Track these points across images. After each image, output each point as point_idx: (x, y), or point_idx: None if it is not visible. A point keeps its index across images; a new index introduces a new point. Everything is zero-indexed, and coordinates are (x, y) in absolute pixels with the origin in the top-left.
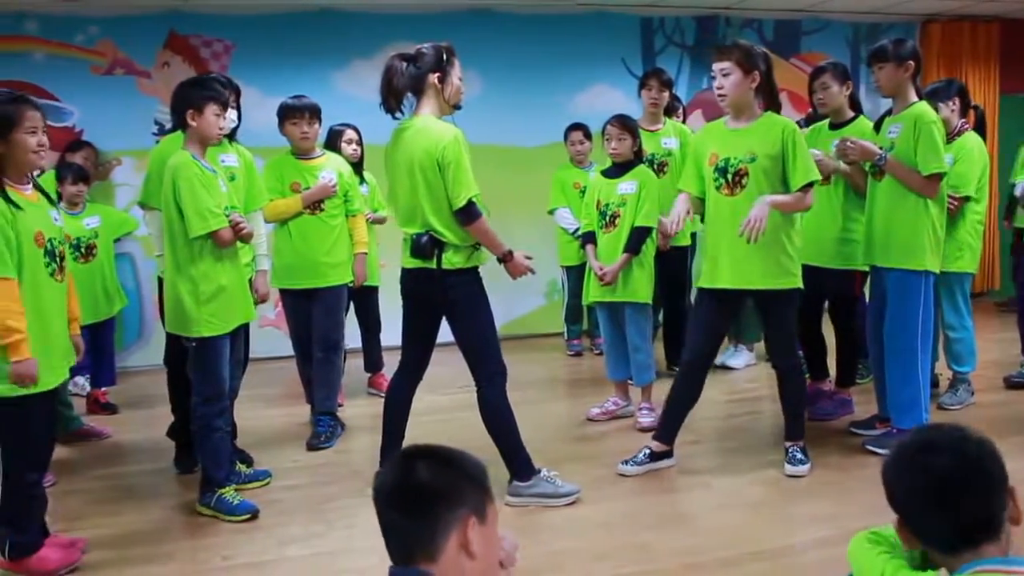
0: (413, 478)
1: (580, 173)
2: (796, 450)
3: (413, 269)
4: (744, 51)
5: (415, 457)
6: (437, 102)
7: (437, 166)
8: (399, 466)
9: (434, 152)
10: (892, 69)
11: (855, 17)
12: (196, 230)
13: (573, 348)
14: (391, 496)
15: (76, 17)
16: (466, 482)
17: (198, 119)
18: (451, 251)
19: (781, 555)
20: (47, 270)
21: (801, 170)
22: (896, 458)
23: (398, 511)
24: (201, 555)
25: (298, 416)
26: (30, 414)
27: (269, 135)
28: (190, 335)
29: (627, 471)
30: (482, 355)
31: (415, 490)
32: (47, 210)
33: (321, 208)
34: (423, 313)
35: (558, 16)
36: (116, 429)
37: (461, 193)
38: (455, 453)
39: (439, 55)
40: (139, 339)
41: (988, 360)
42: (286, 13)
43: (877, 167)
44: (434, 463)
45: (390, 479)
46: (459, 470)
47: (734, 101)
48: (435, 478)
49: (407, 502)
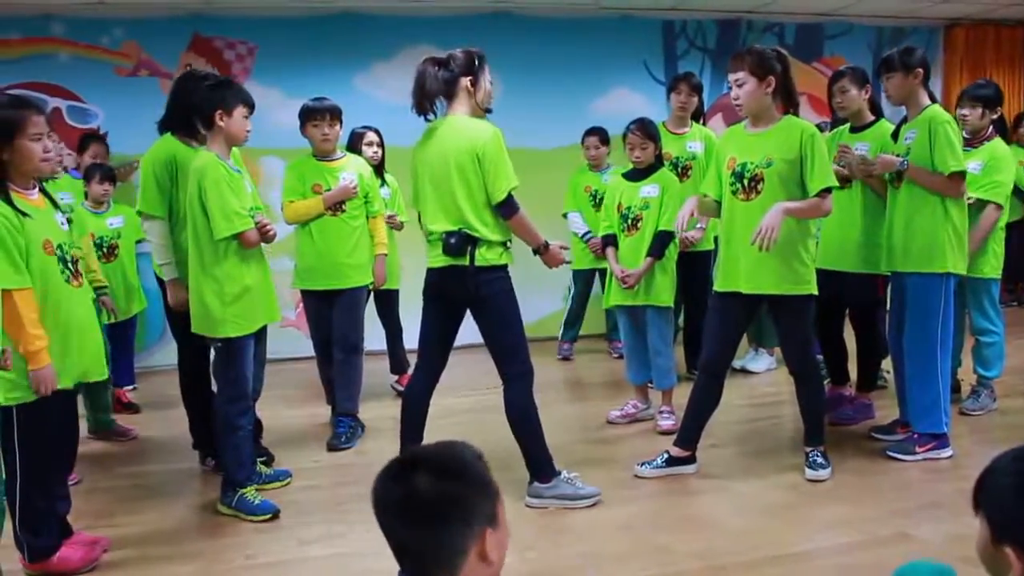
0: (424, 494)
1: (593, 177)
2: (817, 454)
3: (443, 267)
4: (756, 57)
5: (418, 468)
6: (469, 105)
7: (476, 160)
8: (403, 479)
9: (474, 147)
10: (901, 78)
11: (878, 21)
12: (222, 231)
13: (562, 352)
14: (402, 513)
15: (101, 19)
16: (479, 494)
17: (227, 120)
18: (484, 247)
19: (801, 559)
20: (62, 276)
21: (819, 175)
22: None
23: (411, 529)
24: (224, 555)
25: (318, 417)
26: (47, 416)
27: (291, 136)
28: (216, 336)
29: (644, 473)
30: (512, 353)
31: (429, 508)
32: (53, 215)
33: (342, 209)
34: (447, 314)
35: (579, 19)
36: (139, 428)
37: (502, 186)
38: (459, 461)
39: (471, 60)
40: (161, 339)
41: (1009, 366)
42: (308, 16)
43: (899, 174)
44: (443, 477)
45: (397, 494)
46: (470, 482)
47: (750, 109)
48: (448, 494)
49: (421, 521)
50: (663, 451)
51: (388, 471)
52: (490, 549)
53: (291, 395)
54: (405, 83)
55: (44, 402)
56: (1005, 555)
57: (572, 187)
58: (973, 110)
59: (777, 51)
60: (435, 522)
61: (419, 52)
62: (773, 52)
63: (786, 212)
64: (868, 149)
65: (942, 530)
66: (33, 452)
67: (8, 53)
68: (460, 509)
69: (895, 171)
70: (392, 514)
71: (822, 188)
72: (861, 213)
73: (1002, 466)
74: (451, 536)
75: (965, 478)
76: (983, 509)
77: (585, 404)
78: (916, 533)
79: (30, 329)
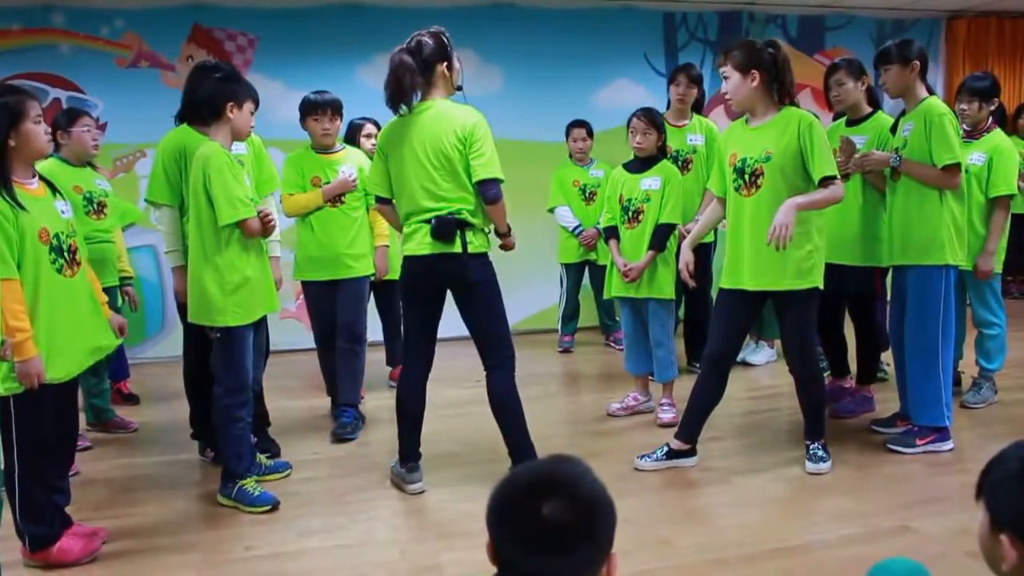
0: (563, 520)
1: (580, 171)
2: (817, 447)
3: (432, 255)
4: (741, 50)
5: (552, 491)
6: (445, 88)
7: (464, 143)
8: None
9: (462, 130)
10: (898, 71)
11: (879, 13)
12: (226, 218)
13: (563, 345)
14: (540, 539)
15: (102, 10)
16: (610, 517)
17: (236, 113)
18: (471, 233)
19: (802, 552)
20: (53, 267)
21: (820, 163)
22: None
23: (547, 557)
24: (223, 546)
25: (318, 408)
26: (40, 407)
27: (292, 128)
28: (215, 325)
29: (643, 466)
30: (499, 338)
31: (568, 535)
32: (53, 203)
33: (342, 201)
34: (433, 303)
35: (581, 11)
36: (138, 420)
37: (487, 167)
38: (588, 483)
39: (442, 44)
40: (161, 330)
41: (1010, 358)
42: (310, 7)
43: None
44: (579, 501)
45: (532, 519)
46: (603, 505)
47: (738, 103)
48: (586, 520)
49: (560, 548)
50: (664, 444)
51: (518, 492)
52: (614, 570)
53: (291, 387)
54: None
55: (40, 393)
56: (1000, 543)
57: (557, 182)
58: (971, 104)
59: (771, 43)
60: (574, 549)
61: None
62: (764, 44)
63: (797, 208)
64: (865, 142)
65: (944, 523)
66: (31, 443)
67: (9, 44)
68: (596, 535)
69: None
70: (526, 539)
71: (823, 176)
72: (859, 206)
73: (1007, 454)
74: (587, 562)
75: (967, 471)
76: (984, 497)
77: (584, 396)
78: (918, 526)
79: (11, 321)
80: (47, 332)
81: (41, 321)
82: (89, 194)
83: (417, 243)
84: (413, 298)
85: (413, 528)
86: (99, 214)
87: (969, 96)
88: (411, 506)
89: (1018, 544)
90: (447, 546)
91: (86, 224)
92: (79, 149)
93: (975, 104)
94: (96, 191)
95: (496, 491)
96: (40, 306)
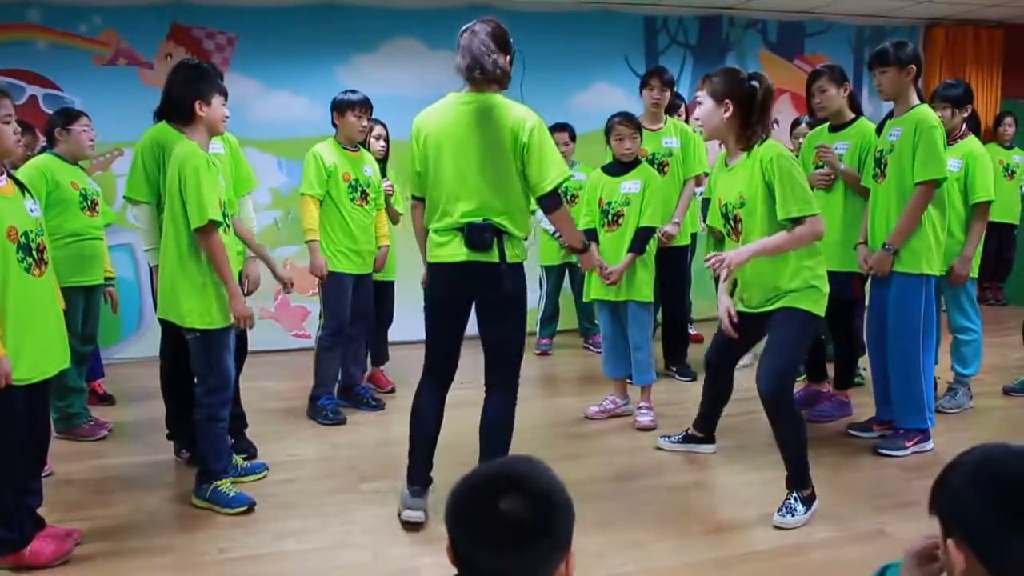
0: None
1: None
2: (795, 498)
3: (466, 262)
4: (721, 77)
5: (511, 488)
6: (501, 83)
7: (519, 145)
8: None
9: (518, 132)
10: (895, 73)
11: (859, 20)
12: (196, 221)
13: (541, 347)
14: (497, 536)
15: (79, 7)
16: (567, 516)
17: (206, 109)
18: (509, 243)
19: (778, 555)
20: (21, 266)
21: (784, 201)
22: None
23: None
24: (197, 547)
25: (295, 410)
26: (12, 408)
27: (270, 127)
28: (193, 327)
29: (664, 445)
30: (514, 357)
31: (526, 531)
32: (22, 201)
33: (366, 201)
34: (458, 314)
35: (561, 14)
36: (113, 420)
37: (551, 175)
38: (547, 481)
39: (506, 37)
40: (137, 330)
41: (985, 364)
42: (289, 6)
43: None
44: (537, 498)
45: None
46: (560, 503)
47: (708, 132)
48: (544, 517)
49: (517, 545)
50: (685, 429)
51: (475, 490)
52: (572, 569)
53: (269, 388)
54: (388, 75)
55: (7, 394)
56: (948, 550)
57: None
58: (944, 111)
59: (755, 76)
60: (531, 546)
61: (401, 44)
62: (748, 76)
63: (751, 254)
64: (848, 148)
65: (919, 527)
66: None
67: None
68: (553, 532)
69: (879, 168)
70: (483, 536)
71: (791, 216)
72: (840, 213)
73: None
74: (544, 559)
75: None
76: (936, 507)
77: (562, 399)
78: (892, 530)
79: None
80: (14, 332)
81: (8, 321)
82: (84, 191)
83: (451, 251)
84: (442, 308)
85: (389, 532)
86: (93, 211)
87: (942, 103)
88: (388, 510)
89: (964, 548)
90: (423, 551)
91: (81, 220)
92: (76, 148)
93: (948, 111)
94: (90, 189)
95: (454, 490)
96: (8, 305)
